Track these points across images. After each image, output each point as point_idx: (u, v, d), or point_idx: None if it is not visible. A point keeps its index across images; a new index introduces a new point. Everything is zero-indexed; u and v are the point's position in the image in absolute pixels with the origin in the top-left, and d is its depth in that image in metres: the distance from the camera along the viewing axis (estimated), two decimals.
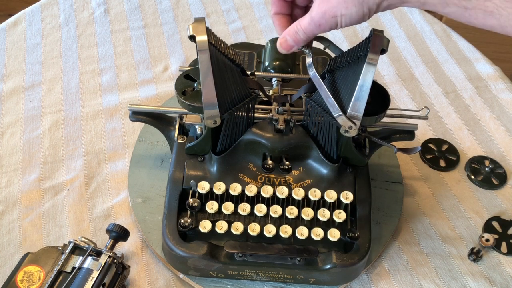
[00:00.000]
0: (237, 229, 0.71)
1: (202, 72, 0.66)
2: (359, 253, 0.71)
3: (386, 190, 0.84)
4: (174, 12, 1.16)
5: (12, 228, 0.80)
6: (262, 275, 0.72)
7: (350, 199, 0.72)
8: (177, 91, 0.72)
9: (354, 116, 0.67)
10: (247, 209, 0.72)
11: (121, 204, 0.83)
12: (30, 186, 0.84)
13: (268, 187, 0.72)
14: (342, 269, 0.70)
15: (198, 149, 0.76)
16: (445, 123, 0.97)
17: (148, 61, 1.05)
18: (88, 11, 1.15)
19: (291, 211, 0.71)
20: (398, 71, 1.06)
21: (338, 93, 0.69)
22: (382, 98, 0.71)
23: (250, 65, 0.84)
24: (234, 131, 0.73)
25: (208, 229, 0.71)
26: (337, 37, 1.12)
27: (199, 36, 0.65)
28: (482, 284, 0.77)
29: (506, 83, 1.04)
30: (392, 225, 0.80)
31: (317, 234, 0.70)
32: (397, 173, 0.87)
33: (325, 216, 0.71)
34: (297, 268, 0.70)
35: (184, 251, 0.70)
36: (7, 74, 1.02)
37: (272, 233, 0.70)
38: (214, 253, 0.70)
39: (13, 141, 0.90)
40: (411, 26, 1.15)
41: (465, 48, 1.11)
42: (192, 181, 0.73)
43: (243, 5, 1.18)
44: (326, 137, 0.72)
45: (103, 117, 0.95)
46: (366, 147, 0.78)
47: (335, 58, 0.72)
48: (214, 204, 0.72)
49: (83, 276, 0.67)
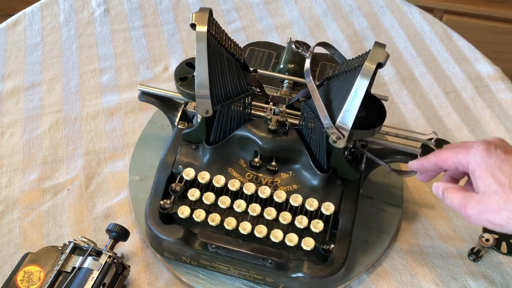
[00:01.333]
0: (213, 220, 0.71)
1: (197, 61, 0.68)
2: (332, 267, 0.69)
3: (383, 211, 0.81)
4: (174, 12, 1.16)
5: (12, 228, 0.80)
6: (233, 271, 0.72)
7: (331, 210, 0.71)
8: (175, 77, 0.74)
9: (342, 127, 0.66)
10: (227, 202, 0.72)
11: (121, 204, 0.83)
12: (30, 186, 0.84)
13: (251, 184, 0.73)
14: (312, 280, 0.69)
15: (193, 137, 0.77)
16: (445, 123, 0.97)
17: (148, 61, 1.05)
18: (88, 11, 1.15)
19: (270, 212, 0.71)
20: (398, 71, 1.06)
21: (330, 102, 0.68)
22: (379, 112, 0.70)
23: (267, 64, 0.84)
24: (228, 124, 0.74)
25: (186, 215, 0.72)
26: (337, 37, 1.12)
27: (200, 25, 0.67)
28: (482, 284, 0.77)
29: (506, 83, 1.04)
30: (380, 247, 0.78)
31: (291, 240, 0.70)
32: (399, 196, 0.83)
33: (302, 223, 0.70)
34: (267, 270, 0.70)
35: (160, 232, 0.71)
36: (7, 74, 1.02)
37: (247, 230, 0.70)
38: (189, 239, 0.71)
39: (13, 141, 0.90)
40: (411, 26, 1.15)
41: (465, 48, 1.11)
42: (180, 166, 0.75)
43: (243, 5, 1.18)
44: (317, 144, 0.71)
45: (103, 117, 0.95)
46: (361, 162, 0.76)
47: (335, 66, 0.72)
48: (196, 192, 0.73)
49: (83, 276, 0.67)
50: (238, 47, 0.73)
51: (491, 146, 0.59)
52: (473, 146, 0.60)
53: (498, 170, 0.57)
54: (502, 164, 0.57)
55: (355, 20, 1.16)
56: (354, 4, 1.19)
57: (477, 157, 0.59)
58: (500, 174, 0.57)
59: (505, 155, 0.58)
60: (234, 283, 0.74)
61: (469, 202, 0.59)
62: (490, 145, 0.59)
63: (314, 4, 1.19)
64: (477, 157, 0.59)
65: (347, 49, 1.09)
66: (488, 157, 0.58)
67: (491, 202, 0.57)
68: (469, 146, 0.61)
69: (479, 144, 0.60)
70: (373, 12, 1.18)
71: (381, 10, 1.18)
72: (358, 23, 1.15)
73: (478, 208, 0.58)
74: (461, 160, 0.61)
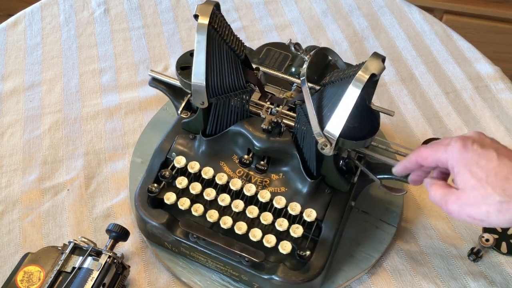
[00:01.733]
0: (196, 210, 0.72)
1: (196, 52, 0.69)
2: (307, 274, 0.69)
3: (376, 228, 0.80)
4: (174, 12, 1.16)
5: (12, 228, 0.80)
6: (210, 263, 0.73)
7: (312, 217, 0.70)
8: (177, 65, 0.76)
9: (330, 135, 0.65)
10: (212, 194, 0.73)
11: (121, 204, 0.83)
12: (30, 186, 0.84)
13: (238, 180, 0.73)
14: (284, 284, 0.69)
15: (191, 127, 0.78)
16: (445, 123, 0.97)
17: (148, 61, 1.05)
18: (88, 11, 1.15)
19: (252, 210, 0.71)
20: (398, 71, 1.06)
21: (322, 108, 0.68)
22: (372, 124, 0.68)
23: (281, 65, 0.84)
24: (225, 118, 0.74)
25: (171, 201, 0.73)
26: (337, 37, 1.12)
27: (202, 16, 0.67)
28: (482, 284, 0.77)
29: (506, 83, 1.04)
30: (365, 263, 0.76)
31: (269, 241, 0.69)
32: (395, 215, 0.81)
33: (282, 226, 0.70)
34: (242, 267, 0.70)
35: (145, 215, 0.73)
36: (7, 74, 1.02)
37: (227, 225, 0.71)
38: (171, 226, 0.72)
39: (13, 141, 0.90)
40: (411, 26, 1.15)
41: (465, 48, 1.11)
42: (173, 153, 0.76)
43: (243, 5, 1.18)
44: (308, 149, 0.71)
45: (103, 117, 0.95)
46: (355, 175, 0.75)
47: (333, 73, 0.71)
48: (184, 180, 0.74)
49: (83, 276, 0.67)
50: (241, 43, 0.72)
51: (467, 142, 0.59)
52: (451, 142, 0.60)
53: (475, 165, 0.57)
54: (479, 159, 0.57)
55: (355, 20, 1.16)
56: (354, 4, 1.19)
57: (454, 153, 0.59)
58: (477, 169, 0.57)
59: (482, 149, 0.58)
60: (211, 276, 0.74)
61: (449, 198, 0.59)
62: (467, 141, 0.59)
63: (314, 4, 1.19)
64: (455, 153, 0.59)
65: (347, 49, 1.09)
66: (465, 153, 0.58)
67: (470, 197, 0.57)
68: (446, 142, 0.61)
69: (456, 140, 0.60)
70: (373, 12, 1.18)
71: (381, 10, 1.18)
72: (358, 23, 1.15)
73: (458, 203, 0.58)
74: (440, 157, 0.61)
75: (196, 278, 0.74)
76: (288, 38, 0.87)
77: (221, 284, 0.74)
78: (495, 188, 0.55)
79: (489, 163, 0.57)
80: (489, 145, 0.58)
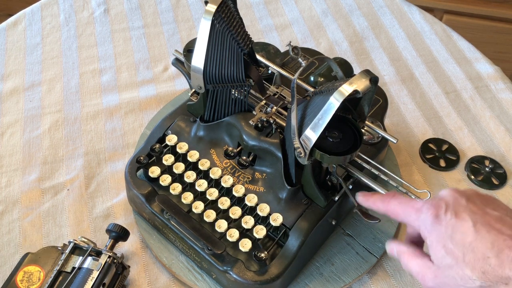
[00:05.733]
0: (174, 189, 0.74)
1: (199, 36, 0.70)
2: (261, 277, 0.68)
3: (357, 254, 0.77)
4: (174, 12, 1.16)
5: (12, 228, 0.80)
6: (178, 243, 0.74)
7: (278, 222, 0.70)
8: (185, 47, 0.79)
9: (305, 143, 0.64)
10: (192, 177, 0.74)
11: (121, 204, 0.83)
12: (30, 186, 0.84)
13: (218, 169, 0.74)
14: (236, 280, 0.68)
15: (194, 110, 0.80)
16: (445, 123, 0.97)
17: (148, 61, 1.05)
18: (88, 11, 1.15)
19: (224, 202, 0.72)
20: (398, 71, 1.06)
21: (305, 116, 0.67)
22: (356, 139, 0.66)
23: (304, 71, 0.84)
24: (222, 108, 0.76)
25: (154, 175, 0.76)
26: (337, 37, 1.12)
27: (211, 3, 0.68)
28: None
29: (506, 83, 1.04)
30: (332, 285, 0.74)
31: (231, 235, 0.70)
32: (381, 246, 0.77)
33: (247, 224, 0.70)
34: (204, 254, 0.70)
35: (130, 182, 0.76)
36: (7, 74, 1.02)
37: (198, 210, 0.72)
38: (149, 198, 0.74)
39: (13, 141, 0.90)
40: (411, 26, 1.15)
41: (465, 48, 1.11)
42: (169, 131, 0.78)
43: (243, 5, 1.18)
44: (291, 155, 0.70)
45: (103, 117, 0.95)
46: (338, 192, 0.72)
47: (327, 83, 0.70)
48: (171, 158, 0.76)
49: (83, 276, 0.67)
50: (248, 37, 0.72)
51: (440, 211, 0.54)
52: (422, 209, 0.55)
53: (449, 240, 0.52)
54: (453, 232, 0.52)
55: (355, 20, 1.16)
56: (354, 4, 1.19)
57: (426, 224, 0.54)
58: (452, 245, 0.52)
59: (456, 219, 0.52)
60: (179, 256, 0.76)
61: (426, 274, 0.55)
62: (439, 210, 0.54)
63: (314, 4, 1.19)
64: (427, 225, 0.54)
65: (347, 49, 1.09)
66: (438, 225, 0.53)
67: (448, 278, 0.53)
68: (418, 207, 0.56)
69: (428, 207, 0.55)
70: (373, 12, 1.18)
71: (381, 10, 1.18)
72: (358, 23, 1.15)
73: (436, 282, 0.54)
74: (412, 223, 0.57)
75: (164, 254, 0.76)
76: (288, 40, 0.87)
77: (185, 266, 0.75)
78: (473, 270, 0.51)
79: (465, 237, 0.51)
80: (464, 211, 0.53)
